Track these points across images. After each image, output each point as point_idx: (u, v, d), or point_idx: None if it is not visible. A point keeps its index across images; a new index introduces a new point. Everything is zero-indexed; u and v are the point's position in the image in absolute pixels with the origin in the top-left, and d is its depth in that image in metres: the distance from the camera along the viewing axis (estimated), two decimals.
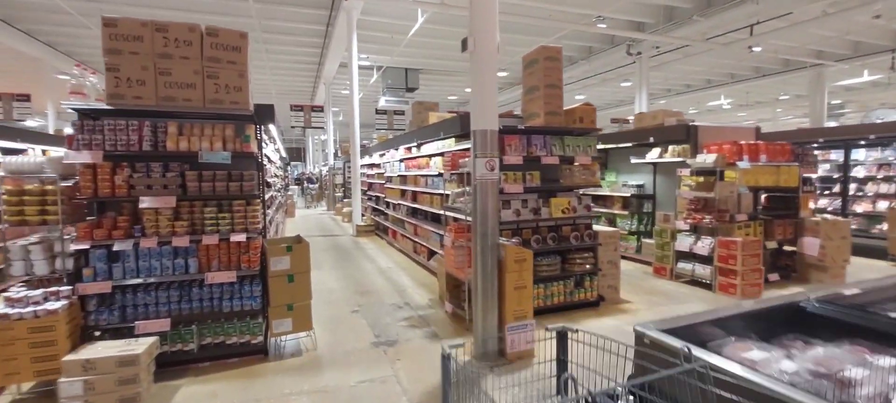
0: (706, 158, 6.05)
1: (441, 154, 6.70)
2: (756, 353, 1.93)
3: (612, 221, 8.50)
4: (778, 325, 2.31)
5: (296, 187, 29.96)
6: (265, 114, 4.28)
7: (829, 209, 8.73)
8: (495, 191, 3.89)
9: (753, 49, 13.56)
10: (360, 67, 14.21)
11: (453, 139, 6.21)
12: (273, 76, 18.96)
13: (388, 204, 10.51)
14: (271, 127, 5.79)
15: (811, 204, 6.62)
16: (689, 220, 6.27)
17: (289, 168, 37.39)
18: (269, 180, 7.33)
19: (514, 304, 3.94)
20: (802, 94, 23.71)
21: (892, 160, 7.96)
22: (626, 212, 8.24)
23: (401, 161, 9.12)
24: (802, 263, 6.48)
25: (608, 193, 8.50)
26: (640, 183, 8.28)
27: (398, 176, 9.35)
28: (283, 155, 15.57)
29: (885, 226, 7.71)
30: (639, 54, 14.56)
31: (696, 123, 6.86)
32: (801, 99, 24.88)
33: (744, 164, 6.02)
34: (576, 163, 5.24)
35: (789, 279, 6.47)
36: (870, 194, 8.26)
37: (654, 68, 16.10)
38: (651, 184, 8.12)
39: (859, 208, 8.38)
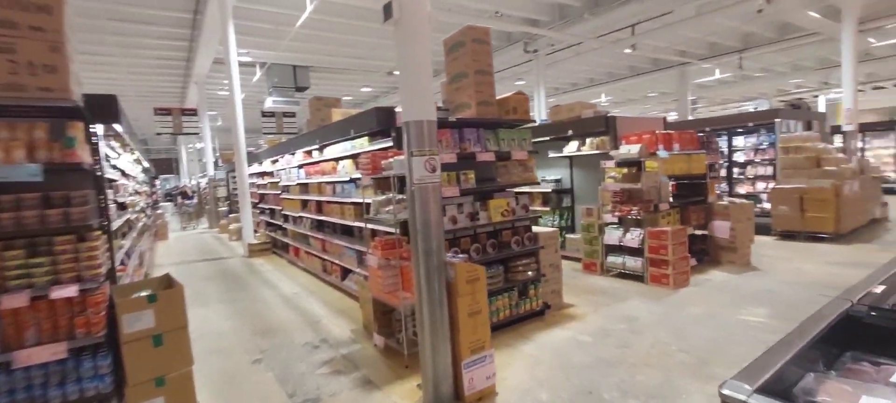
0: (630, 149, 5.94)
1: (353, 156, 5.73)
2: (867, 401, 1.43)
3: (534, 219, 8.22)
4: (831, 341, 1.89)
5: (168, 204, 25.99)
6: (103, 108, 3.00)
7: (716, 192, 9.47)
8: (438, 196, 3.11)
9: (634, 48, 14.58)
10: (241, 64, 12.37)
11: (366, 138, 5.29)
12: (130, 75, 15.96)
13: (286, 217, 9.14)
14: (118, 128, 4.33)
15: (717, 189, 6.93)
16: (616, 213, 6.12)
17: (159, 182, 32.55)
18: (123, 200, 5.67)
19: (469, 334, 3.20)
20: (666, 92, 26.79)
21: (765, 146, 8.83)
22: (546, 208, 8.02)
23: (299, 167, 7.89)
24: (714, 246, 6.74)
25: (528, 190, 8.20)
26: (557, 177, 8.12)
27: (297, 184, 8.09)
28: (147, 166, 13.05)
29: (767, 205, 8.50)
30: (535, 52, 14.83)
31: (613, 114, 6.80)
32: (664, 96, 28.11)
33: (663, 154, 6.02)
34: (512, 159, 4.68)
35: (703, 262, 6.67)
36: (750, 177, 9.10)
37: (547, 66, 16.62)
38: (568, 178, 7.99)
39: (742, 189, 9.19)
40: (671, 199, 6.41)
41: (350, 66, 16.36)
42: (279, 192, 9.42)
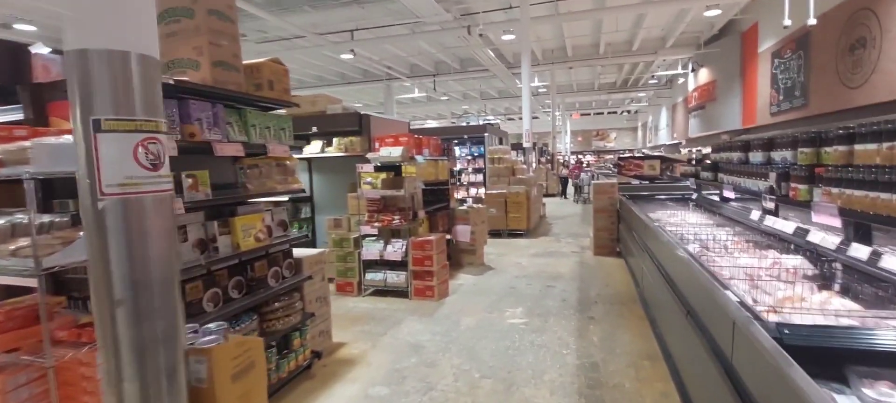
0: (391, 151, 5.30)
1: None
2: None
3: (295, 240, 6.57)
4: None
5: None
6: None
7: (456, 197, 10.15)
8: (170, 221, 1.51)
9: (353, 53, 14.45)
10: None
11: None
12: None
13: None
14: None
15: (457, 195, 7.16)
16: (376, 223, 5.37)
17: None
18: None
19: None
20: (370, 104, 28.52)
21: (476, 156, 9.99)
22: None
23: None
24: (456, 249, 6.91)
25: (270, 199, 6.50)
26: None
27: None
28: None
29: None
30: (244, 36, 12.68)
31: (367, 113, 6.04)
32: (367, 107, 29.91)
33: (421, 159, 5.68)
34: (267, 156, 3.21)
35: (450, 265, 6.74)
36: (465, 183, 10.13)
37: (255, 56, 14.59)
38: (307, 184, 6.77)
39: (459, 194, 10.12)
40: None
41: None
42: None
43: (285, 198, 6.48)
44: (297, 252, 3.73)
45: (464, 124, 10.90)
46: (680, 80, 20.55)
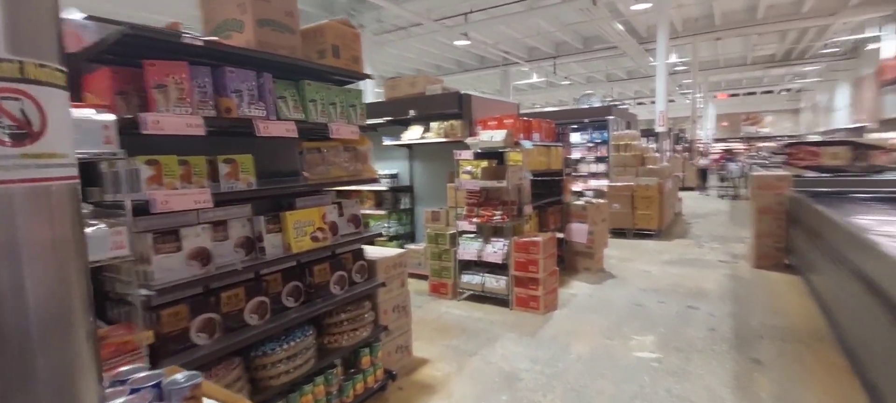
0: (493, 136, 4.53)
1: None
2: None
3: (369, 238, 6.33)
4: None
5: None
6: None
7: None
8: (69, 233, 0.95)
9: (467, 37, 13.94)
10: None
11: None
12: None
13: None
14: None
15: (573, 188, 6.15)
16: (474, 218, 4.67)
17: None
18: None
19: None
20: (486, 91, 27.93)
21: (598, 143, 8.70)
22: (382, 212, 6.20)
23: None
24: (570, 251, 5.91)
25: (354, 187, 6.27)
26: (393, 172, 6.38)
27: None
28: None
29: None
30: (361, 27, 12.92)
31: (468, 93, 5.36)
32: (486, 95, 29.35)
33: (528, 144, 4.81)
34: (332, 139, 2.68)
35: (562, 271, 5.78)
36: (584, 174, 8.92)
37: (374, 46, 14.88)
38: (407, 173, 6.35)
39: (575, 187, 8.95)
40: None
41: None
42: None
43: (385, 188, 6.17)
44: (373, 252, 3.19)
45: (584, 107, 9.60)
46: (868, 47, 16.14)
